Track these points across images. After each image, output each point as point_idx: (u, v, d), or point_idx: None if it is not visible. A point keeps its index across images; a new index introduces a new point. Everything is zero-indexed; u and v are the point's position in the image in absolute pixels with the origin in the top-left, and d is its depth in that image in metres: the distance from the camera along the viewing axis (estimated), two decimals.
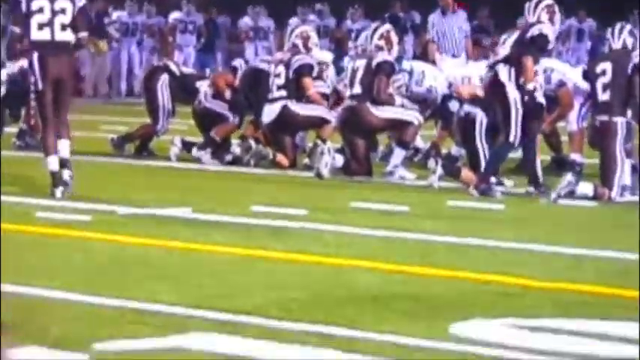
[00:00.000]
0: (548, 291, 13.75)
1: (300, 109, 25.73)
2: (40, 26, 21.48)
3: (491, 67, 23.65)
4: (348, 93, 24.90)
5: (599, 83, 22.10)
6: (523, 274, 14.59)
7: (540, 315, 12.50)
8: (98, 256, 15.70)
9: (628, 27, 23.28)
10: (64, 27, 21.35)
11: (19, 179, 22.42)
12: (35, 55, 21.36)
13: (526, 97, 22.17)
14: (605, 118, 21.74)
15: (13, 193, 20.56)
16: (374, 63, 24.69)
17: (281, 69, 26.73)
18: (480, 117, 22.60)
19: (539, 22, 23.40)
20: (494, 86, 22.76)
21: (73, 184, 20.58)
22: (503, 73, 22.89)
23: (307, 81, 26.09)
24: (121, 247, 16.40)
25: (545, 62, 24.45)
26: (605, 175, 21.31)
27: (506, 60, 23.09)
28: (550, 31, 23.81)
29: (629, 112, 22.22)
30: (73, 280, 13.88)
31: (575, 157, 23.14)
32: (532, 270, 14.92)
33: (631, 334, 11.70)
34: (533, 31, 23.30)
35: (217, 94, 27.45)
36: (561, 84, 24.47)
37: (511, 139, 22.00)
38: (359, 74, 24.80)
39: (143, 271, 14.66)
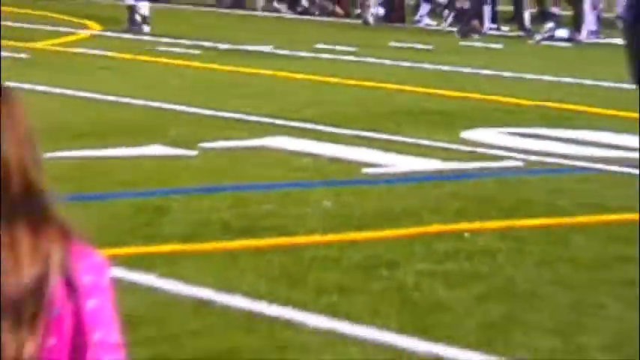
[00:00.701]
0: (537, 107, 13.80)
1: None
2: None
3: None
4: None
5: None
6: (517, 95, 14.64)
7: (529, 125, 12.59)
8: (202, 80, 15.84)
9: None
10: None
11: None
12: None
13: None
14: None
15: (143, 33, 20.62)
16: None
17: None
18: None
19: None
20: None
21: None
22: None
23: None
24: (219, 73, 16.50)
25: None
26: (576, 23, 21.19)
27: None
28: None
29: None
30: (184, 95, 13.99)
31: (554, 10, 22.82)
32: (524, 92, 14.94)
33: (606, 140, 11.79)
34: None
35: None
36: None
37: None
38: None
39: (236, 90, 14.77)
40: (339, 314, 6.86)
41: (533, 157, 11.09)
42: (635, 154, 11.09)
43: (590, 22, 21.00)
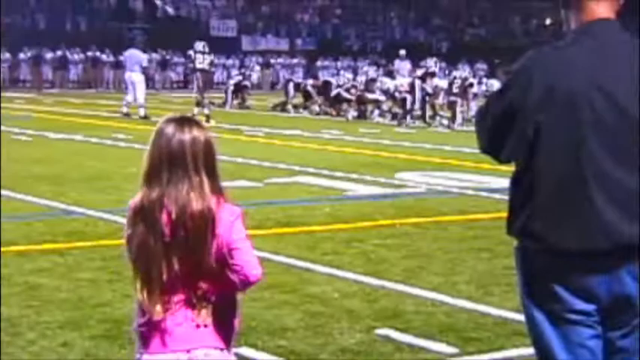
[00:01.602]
0: (433, 161, 13.72)
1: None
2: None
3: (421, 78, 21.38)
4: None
5: (453, 86, 21.44)
6: (423, 155, 14.56)
7: (429, 170, 12.51)
8: (264, 147, 15.68)
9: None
10: None
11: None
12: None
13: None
14: (453, 98, 21.06)
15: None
16: None
17: None
18: (409, 98, 21.44)
19: None
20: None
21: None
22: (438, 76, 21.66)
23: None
24: (272, 144, 16.30)
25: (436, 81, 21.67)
26: (452, 119, 20.84)
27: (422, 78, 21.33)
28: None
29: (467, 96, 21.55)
30: (256, 154, 13.74)
31: (442, 112, 22.23)
32: (427, 153, 14.77)
33: (468, 178, 11.75)
34: None
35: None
36: (436, 91, 21.50)
37: (408, 107, 21.27)
38: None
39: (281, 153, 14.40)
40: (333, 265, 6.88)
41: (427, 187, 11.02)
42: (479, 185, 11.12)
43: (459, 119, 20.91)
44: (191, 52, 21.73)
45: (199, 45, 21.09)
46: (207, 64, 21.09)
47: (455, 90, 21.30)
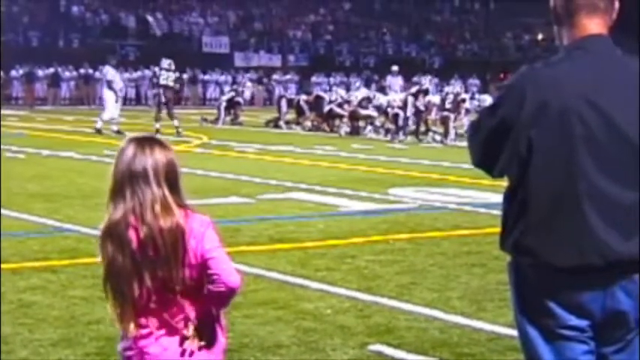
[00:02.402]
0: (424, 176, 13.74)
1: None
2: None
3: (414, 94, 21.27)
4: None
5: (446, 102, 21.49)
6: (415, 170, 14.56)
7: (420, 186, 12.54)
8: (255, 163, 15.65)
9: None
10: None
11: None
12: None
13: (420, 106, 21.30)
14: (445, 113, 21.18)
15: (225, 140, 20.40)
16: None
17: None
18: (401, 114, 21.48)
19: None
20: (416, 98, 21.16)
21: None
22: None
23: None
24: (264, 161, 16.31)
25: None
26: (445, 134, 20.92)
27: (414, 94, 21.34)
28: None
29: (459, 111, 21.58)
30: (247, 170, 13.83)
31: (434, 128, 22.25)
32: (419, 169, 14.78)
33: (460, 193, 11.74)
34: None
35: None
36: (428, 107, 21.68)
37: (400, 123, 21.20)
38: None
39: (273, 168, 14.43)
40: (326, 282, 6.86)
41: (420, 202, 11.04)
42: (473, 200, 11.13)
43: (451, 134, 20.92)
44: (156, 69, 22.09)
45: (165, 62, 21.48)
46: (172, 80, 21.37)
47: (447, 105, 21.34)
